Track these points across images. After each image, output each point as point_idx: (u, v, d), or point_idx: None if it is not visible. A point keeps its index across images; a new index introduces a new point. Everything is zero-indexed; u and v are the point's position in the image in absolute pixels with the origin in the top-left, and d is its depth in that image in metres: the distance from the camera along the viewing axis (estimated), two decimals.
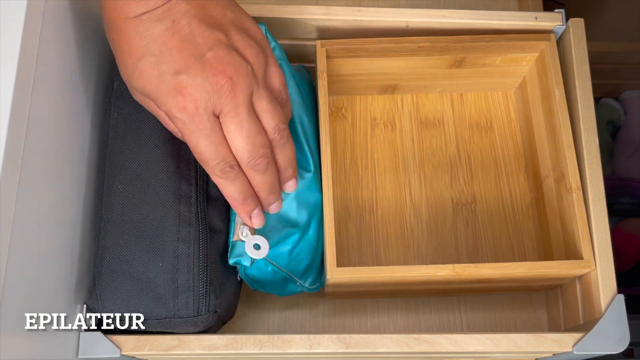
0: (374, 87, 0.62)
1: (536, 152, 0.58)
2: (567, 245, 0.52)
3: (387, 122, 0.63)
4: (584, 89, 0.53)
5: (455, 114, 0.63)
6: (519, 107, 0.63)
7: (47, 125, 0.41)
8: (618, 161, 0.96)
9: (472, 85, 0.63)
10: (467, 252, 0.58)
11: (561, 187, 0.53)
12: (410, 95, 0.64)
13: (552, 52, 0.55)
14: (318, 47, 0.55)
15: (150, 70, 0.40)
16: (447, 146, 0.62)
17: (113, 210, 0.46)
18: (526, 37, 0.56)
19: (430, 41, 0.55)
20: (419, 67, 0.59)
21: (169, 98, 0.40)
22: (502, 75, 0.61)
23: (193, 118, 0.40)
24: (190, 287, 0.44)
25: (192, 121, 0.40)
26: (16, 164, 0.36)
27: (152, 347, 0.46)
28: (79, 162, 0.47)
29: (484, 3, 0.70)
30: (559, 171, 0.53)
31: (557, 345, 0.47)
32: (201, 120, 0.40)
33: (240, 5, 0.45)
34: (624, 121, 0.98)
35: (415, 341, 0.46)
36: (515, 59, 0.58)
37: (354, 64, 0.57)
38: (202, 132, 0.40)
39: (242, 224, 0.48)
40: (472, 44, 0.56)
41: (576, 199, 0.51)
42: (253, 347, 0.46)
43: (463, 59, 0.58)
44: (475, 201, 0.60)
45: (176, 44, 0.39)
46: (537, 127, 0.58)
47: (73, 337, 0.45)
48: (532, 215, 0.59)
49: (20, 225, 0.37)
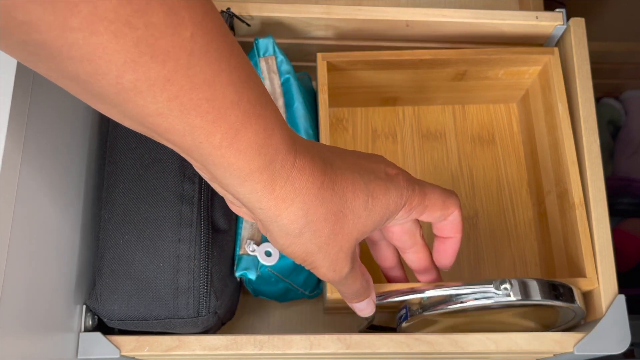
0: (375, 98, 0.62)
1: (539, 167, 0.58)
2: (570, 261, 0.52)
3: (389, 134, 0.62)
4: (585, 89, 0.53)
5: (457, 127, 0.62)
6: (521, 120, 0.62)
7: (47, 125, 0.41)
8: (618, 161, 0.95)
9: (474, 97, 0.62)
10: (468, 267, 0.58)
11: (564, 203, 0.52)
12: (412, 107, 0.63)
13: (555, 65, 0.54)
14: (319, 60, 0.54)
15: None
16: (449, 159, 0.61)
17: (114, 210, 0.46)
18: (529, 50, 0.56)
19: (432, 54, 0.55)
20: (421, 80, 0.58)
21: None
22: (505, 88, 0.60)
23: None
24: (190, 287, 0.44)
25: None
26: (16, 164, 0.36)
27: (151, 348, 0.46)
28: (79, 161, 0.47)
29: (484, 3, 0.70)
30: (562, 187, 0.53)
31: (558, 345, 0.47)
32: None
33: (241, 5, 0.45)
34: (625, 121, 0.98)
35: (415, 341, 0.46)
36: (518, 72, 0.58)
37: (355, 76, 0.57)
38: None
39: (249, 238, 0.48)
40: (475, 57, 0.55)
41: (579, 215, 0.50)
42: (253, 348, 0.46)
43: (465, 72, 0.57)
44: (477, 215, 0.59)
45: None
46: (540, 141, 0.57)
47: (72, 338, 0.45)
48: (535, 230, 0.59)
49: (20, 225, 0.37)
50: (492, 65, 0.56)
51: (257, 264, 0.48)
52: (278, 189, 0.33)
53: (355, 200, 0.36)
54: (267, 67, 0.53)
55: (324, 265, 0.37)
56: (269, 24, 0.54)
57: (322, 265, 0.37)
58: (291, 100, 0.53)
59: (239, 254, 0.49)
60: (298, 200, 0.34)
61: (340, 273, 0.38)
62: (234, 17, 0.52)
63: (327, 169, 0.35)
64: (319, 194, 0.34)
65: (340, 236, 0.36)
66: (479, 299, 0.43)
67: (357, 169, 0.37)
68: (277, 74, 0.53)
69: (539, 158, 0.58)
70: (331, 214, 0.35)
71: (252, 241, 0.48)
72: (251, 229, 0.49)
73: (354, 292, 0.41)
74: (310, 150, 0.35)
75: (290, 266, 0.49)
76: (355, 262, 0.39)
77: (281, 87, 0.53)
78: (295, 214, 0.34)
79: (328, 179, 0.35)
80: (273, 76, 0.53)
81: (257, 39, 0.53)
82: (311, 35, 0.56)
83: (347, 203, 0.36)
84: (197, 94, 0.28)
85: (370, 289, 0.43)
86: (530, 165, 0.60)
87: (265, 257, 0.48)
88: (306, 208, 0.34)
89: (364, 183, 0.37)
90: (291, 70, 0.53)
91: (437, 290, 0.44)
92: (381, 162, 0.40)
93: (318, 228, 0.35)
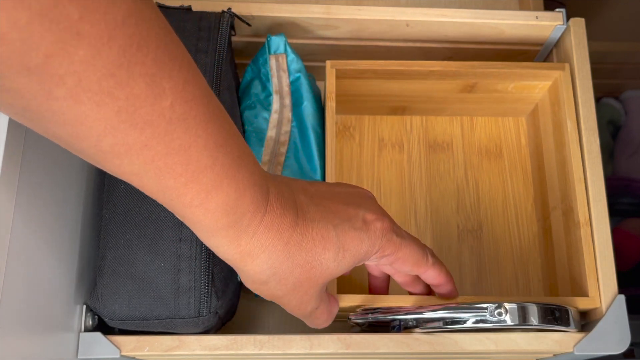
0: (383, 107, 0.61)
1: (545, 182, 0.57)
2: (573, 279, 0.51)
3: (395, 143, 0.62)
4: (585, 89, 0.53)
5: (465, 139, 0.62)
6: (529, 134, 0.62)
7: None
8: (618, 161, 0.95)
9: (483, 109, 0.62)
10: (470, 281, 0.57)
11: (569, 221, 0.52)
12: (420, 117, 0.63)
13: (565, 81, 0.54)
14: (328, 68, 0.54)
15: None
16: (455, 171, 0.61)
17: (115, 210, 0.46)
18: (540, 65, 0.55)
19: (441, 66, 0.55)
20: (430, 91, 0.58)
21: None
22: (514, 102, 0.60)
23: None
24: (191, 287, 0.44)
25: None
26: (16, 164, 0.36)
27: (152, 348, 0.46)
28: (80, 161, 0.47)
29: (484, 3, 0.70)
30: (568, 204, 0.52)
31: (557, 345, 0.47)
32: None
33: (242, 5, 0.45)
34: (625, 121, 0.98)
35: (415, 341, 0.46)
36: (528, 87, 0.57)
37: (363, 84, 0.57)
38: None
39: None
40: (485, 70, 0.55)
41: (584, 234, 0.49)
42: (253, 348, 0.46)
43: (475, 85, 0.57)
44: (481, 228, 0.59)
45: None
46: (547, 156, 0.57)
47: (72, 338, 0.45)
48: (539, 246, 0.58)
49: (20, 225, 0.37)
50: (502, 79, 0.56)
51: None
52: (244, 244, 0.34)
53: (324, 253, 0.37)
54: (277, 65, 0.53)
55: (290, 305, 0.39)
56: (270, 24, 0.55)
57: (289, 305, 0.39)
58: (300, 99, 0.53)
59: None
60: (263, 255, 0.35)
61: (306, 310, 0.40)
62: (234, 17, 0.52)
63: (299, 222, 0.36)
64: (286, 249, 0.35)
65: (306, 283, 0.37)
66: (473, 323, 0.44)
67: (332, 218, 0.38)
68: (286, 72, 0.53)
69: (546, 174, 0.57)
70: (297, 266, 0.36)
71: None
72: None
73: (317, 324, 0.43)
74: (283, 203, 0.35)
75: None
76: (322, 300, 0.40)
77: (289, 85, 0.53)
78: (260, 266, 0.35)
79: (297, 234, 0.36)
80: (282, 74, 0.53)
81: (270, 37, 0.53)
82: (312, 35, 0.56)
83: (316, 256, 0.36)
84: (172, 159, 0.29)
85: (330, 320, 0.44)
86: (537, 181, 0.59)
87: None
88: (271, 262, 0.35)
89: (336, 235, 0.37)
90: (302, 69, 0.54)
91: (432, 313, 0.45)
92: (361, 207, 0.40)
93: (283, 278, 0.36)
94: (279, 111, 0.53)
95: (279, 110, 0.53)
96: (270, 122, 0.53)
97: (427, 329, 0.46)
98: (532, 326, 0.44)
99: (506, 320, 0.43)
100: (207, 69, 0.48)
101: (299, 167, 0.52)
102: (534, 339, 0.47)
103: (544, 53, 0.59)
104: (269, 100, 0.53)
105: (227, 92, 0.50)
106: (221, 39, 0.50)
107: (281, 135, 0.53)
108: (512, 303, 0.44)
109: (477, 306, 0.44)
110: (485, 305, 0.44)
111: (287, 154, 0.52)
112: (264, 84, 0.54)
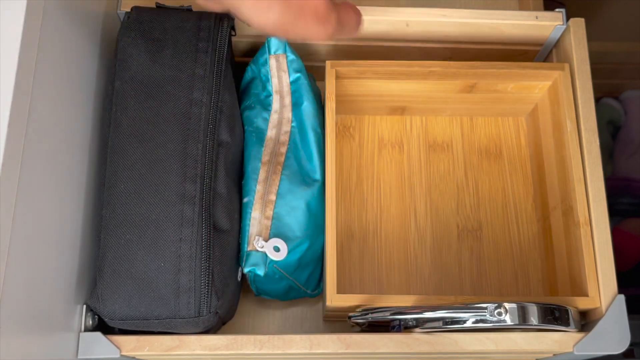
0: (383, 107, 0.61)
1: (545, 182, 0.57)
2: (573, 279, 0.51)
3: (395, 143, 0.62)
4: (585, 89, 0.53)
5: (465, 139, 0.62)
6: (529, 134, 0.62)
7: (47, 125, 0.41)
8: (618, 161, 0.95)
9: (483, 109, 0.62)
10: (470, 281, 0.58)
11: (569, 220, 0.52)
12: (420, 117, 0.63)
13: (565, 82, 0.54)
14: (328, 68, 0.54)
15: None
16: (455, 171, 0.61)
17: (115, 210, 0.46)
18: (539, 65, 0.56)
19: (441, 66, 0.55)
20: (430, 91, 0.58)
21: None
22: (514, 102, 0.60)
23: None
24: (191, 287, 0.44)
25: None
26: (16, 164, 0.36)
27: (152, 348, 0.46)
28: (79, 161, 0.47)
29: (484, 3, 0.70)
30: (567, 204, 0.52)
31: (557, 345, 0.47)
32: None
33: None
34: (624, 121, 0.98)
35: (415, 341, 0.46)
36: (527, 87, 0.57)
37: (363, 85, 0.57)
38: None
39: (257, 234, 0.48)
40: (485, 70, 0.55)
41: (584, 234, 0.50)
42: (253, 348, 0.46)
43: (475, 85, 0.57)
44: (481, 228, 0.59)
45: None
46: (547, 157, 0.57)
47: (73, 338, 0.45)
48: (538, 246, 0.59)
49: (21, 224, 0.37)
50: (502, 79, 0.56)
51: (266, 260, 0.48)
52: None
53: None
54: (277, 65, 0.53)
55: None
56: None
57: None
58: (300, 99, 0.53)
59: (247, 250, 0.49)
60: None
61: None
62: (234, 17, 0.52)
63: None
64: None
65: None
66: (473, 323, 0.44)
67: None
68: (286, 72, 0.53)
69: (546, 174, 0.57)
70: None
71: (260, 237, 0.48)
72: (259, 225, 0.49)
73: (320, 32, 0.38)
74: None
75: (295, 263, 0.50)
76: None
77: (290, 85, 0.53)
78: None
79: None
80: (282, 74, 0.53)
81: (269, 38, 0.53)
82: None
83: None
84: None
85: (333, 28, 0.39)
86: (537, 180, 0.60)
87: (274, 253, 0.48)
88: None
89: None
90: (302, 69, 0.54)
91: (432, 313, 0.45)
92: None
93: None
94: (279, 111, 0.53)
95: (279, 110, 0.53)
96: (270, 122, 0.53)
97: (427, 329, 0.46)
98: (532, 326, 0.44)
99: (506, 320, 0.43)
100: (207, 69, 0.48)
101: (299, 167, 0.52)
102: (533, 338, 0.47)
103: (544, 53, 0.59)
104: (269, 100, 0.54)
105: (227, 92, 0.50)
106: (221, 39, 0.50)
107: (281, 135, 0.53)
108: (512, 303, 0.44)
109: (477, 306, 0.44)
110: (485, 305, 0.44)
111: (287, 154, 0.52)
112: (264, 84, 0.54)
